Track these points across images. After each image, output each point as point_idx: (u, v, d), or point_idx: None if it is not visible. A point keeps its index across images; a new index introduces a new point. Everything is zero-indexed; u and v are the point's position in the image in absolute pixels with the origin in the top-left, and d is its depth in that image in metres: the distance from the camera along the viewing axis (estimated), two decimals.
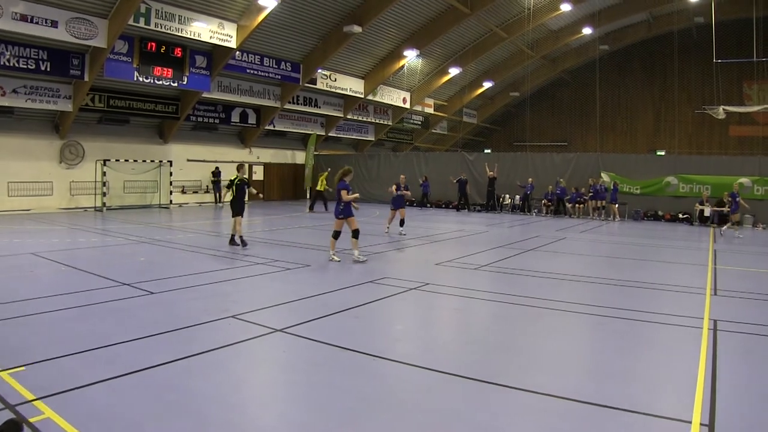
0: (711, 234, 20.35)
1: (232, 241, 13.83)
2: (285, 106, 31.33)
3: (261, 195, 17.37)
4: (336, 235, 12.06)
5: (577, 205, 26.01)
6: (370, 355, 6.02)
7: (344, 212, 11.99)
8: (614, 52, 42.28)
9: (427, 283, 9.78)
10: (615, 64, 42.81)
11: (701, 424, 4.47)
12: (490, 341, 6.84)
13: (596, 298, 9.26)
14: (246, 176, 14.50)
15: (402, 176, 18.58)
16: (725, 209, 22.30)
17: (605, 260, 14.13)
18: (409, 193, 18.20)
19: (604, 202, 25.49)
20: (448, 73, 37.46)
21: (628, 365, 6.03)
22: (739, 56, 32.05)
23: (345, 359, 5.93)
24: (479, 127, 49.55)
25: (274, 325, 7.06)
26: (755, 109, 33.29)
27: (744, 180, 24.00)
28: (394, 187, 17.40)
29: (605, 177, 26.48)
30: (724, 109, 29.21)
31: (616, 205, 25.32)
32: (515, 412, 4.74)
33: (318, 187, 26.27)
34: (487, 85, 41.82)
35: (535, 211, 27.51)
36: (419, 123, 43.50)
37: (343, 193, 11.95)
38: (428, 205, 29.96)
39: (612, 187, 25.48)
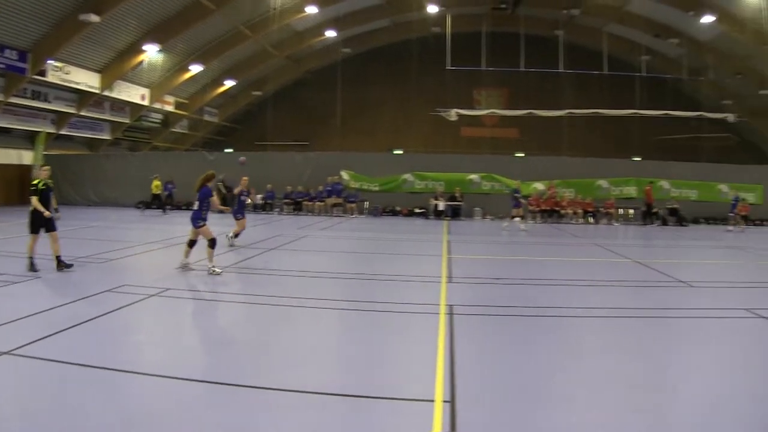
0: (445, 226, 22.46)
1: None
2: (9, 100, 28.14)
3: None
4: (192, 244, 11.51)
5: (317, 203, 26.80)
6: (116, 369, 5.71)
7: (205, 219, 11.54)
8: (357, 54, 45.41)
9: (169, 288, 9.53)
10: (357, 67, 45.56)
11: (444, 401, 4.97)
12: (239, 344, 7.02)
13: (341, 293, 10.03)
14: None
15: (244, 178, 15.88)
16: (455, 203, 24.80)
17: (348, 256, 15.29)
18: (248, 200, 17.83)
19: (343, 199, 26.57)
20: (189, 70, 37.13)
21: (375, 354, 6.57)
22: (470, 65, 36.27)
23: (88, 377, 5.53)
24: (221, 126, 49.35)
25: None
26: (483, 112, 38.34)
27: (474, 176, 26.60)
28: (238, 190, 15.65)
29: (345, 175, 27.68)
30: (456, 112, 32.34)
31: (354, 203, 27.03)
32: (274, 413, 4.89)
33: (154, 191, 25.56)
34: (229, 83, 42.31)
35: (277, 210, 28.01)
36: (159, 121, 42.02)
37: (214, 200, 11.89)
38: (170, 207, 28.17)
39: (351, 186, 26.82)
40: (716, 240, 21.07)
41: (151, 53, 33.01)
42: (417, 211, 27.73)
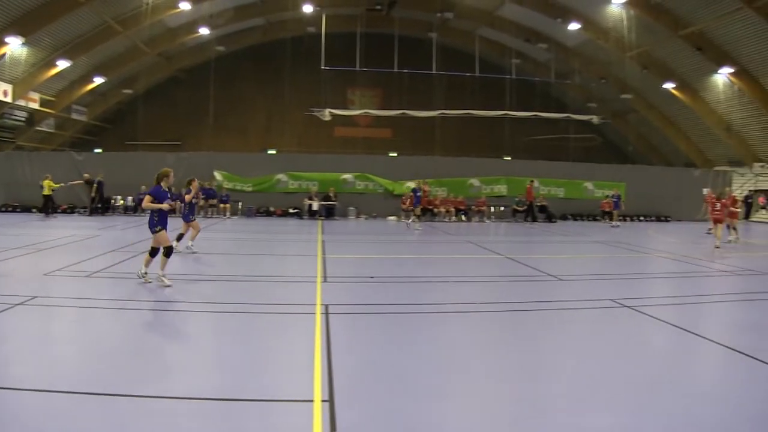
0: (319, 226, 22.25)
1: None
2: None
3: None
4: (154, 252, 10.22)
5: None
6: None
7: (161, 223, 10.20)
8: (231, 53, 44.33)
9: (36, 296, 8.76)
10: (231, 65, 44.59)
11: (322, 401, 4.94)
12: (116, 351, 6.54)
13: (216, 295, 9.69)
14: None
15: (194, 181, 14.47)
16: (329, 203, 24.42)
17: (223, 257, 14.89)
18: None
19: (216, 201, 25.74)
20: (56, 65, 34.77)
21: (252, 357, 6.41)
22: (344, 65, 36.21)
23: None
24: (90, 125, 46.69)
25: None
26: (357, 112, 38.12)
27: (347, 176, 26.41)
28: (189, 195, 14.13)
29: (218, 176, 26.81)
30: (330, 112, 32.04)
31: (227, 204, 26.05)
32: (147, 421, 4.64)
33: (45, 192, 23.92)
34: (99, 80, 40.00)
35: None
36: (23, 119, 39.10)
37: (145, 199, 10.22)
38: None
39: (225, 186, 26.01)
40: (583, 235, 22.13)
41: (14, 47, 30.77)
42: (291, 211, 27.34)
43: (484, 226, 25.92)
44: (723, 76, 38.07)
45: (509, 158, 36.89)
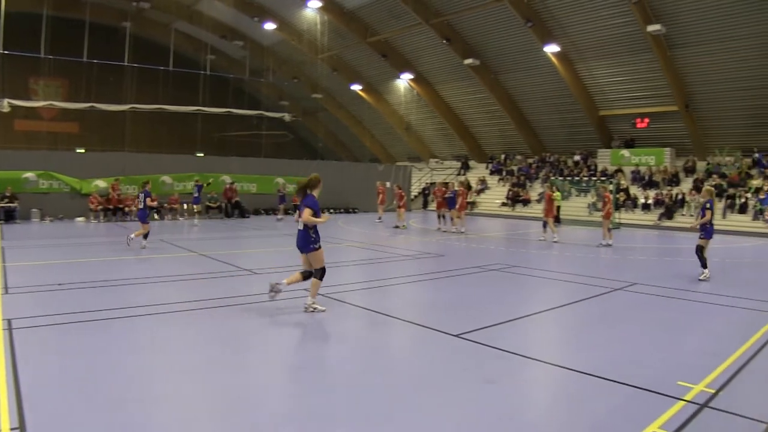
0: None
1: None
2: None
3: None
4: (307, 275, 9.12)
5: None
6: None
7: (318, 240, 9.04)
8: None
9: None
10: None
11: (12, 429, 4.57)
12: None
13: None
14: None
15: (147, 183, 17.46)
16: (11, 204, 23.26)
17: None
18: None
19: None
20: None
21: None
22: (27, 50, 33.97)
23: None
24: None
25: None
26: (40, 104, 35.40)
27: (29, 174, 25.06)
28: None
29: None
30: (9, 103, 29.66)
31: None
32: None
33: None
34: None
35: None
36: None
37: (305, 213, 8.86)
38: None
39: None
40: (273, 229, 23.85)
41: None
42: None
43: (178, 223, 26.35)
44: (404, 81, 42.98)
45: (202, 155, 37.76)
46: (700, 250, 13.13)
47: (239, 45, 44.02)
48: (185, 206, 28.67)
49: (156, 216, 27.27)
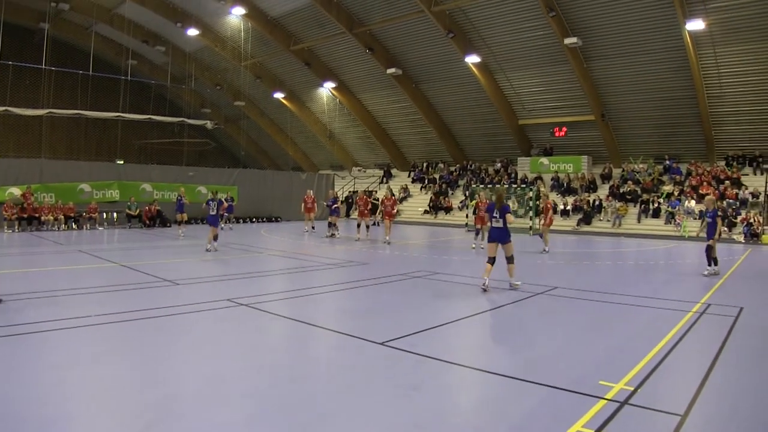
0: None
1: None
2: None
3: None
4: (492, 260, 12.28)
5: None
6: None
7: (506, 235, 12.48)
8: None
9: None
10: None
11: None
12: None
13: None
14: None
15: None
16: None
17: None
18: None
19: None
20: None
21: None
22: None
23: None
24: None
25: None
26: None
27: None
28: None
29: None
30: None
31: None
32: None
33: None
34: None
35: None
36: None
37: (509, 216, 12.27)
38: None
39: None
40: (196, 238, 23.15)
41: None
42: None
43: (97, 233, 25.60)
44: (327, 89, 43.33)
45: (122, 162, 36.98)
46: (709, 249, 14.79)
47: (161, 50, 43.31)
48: (104, 215, 28.13)
49: (74, 225, 26.65)
